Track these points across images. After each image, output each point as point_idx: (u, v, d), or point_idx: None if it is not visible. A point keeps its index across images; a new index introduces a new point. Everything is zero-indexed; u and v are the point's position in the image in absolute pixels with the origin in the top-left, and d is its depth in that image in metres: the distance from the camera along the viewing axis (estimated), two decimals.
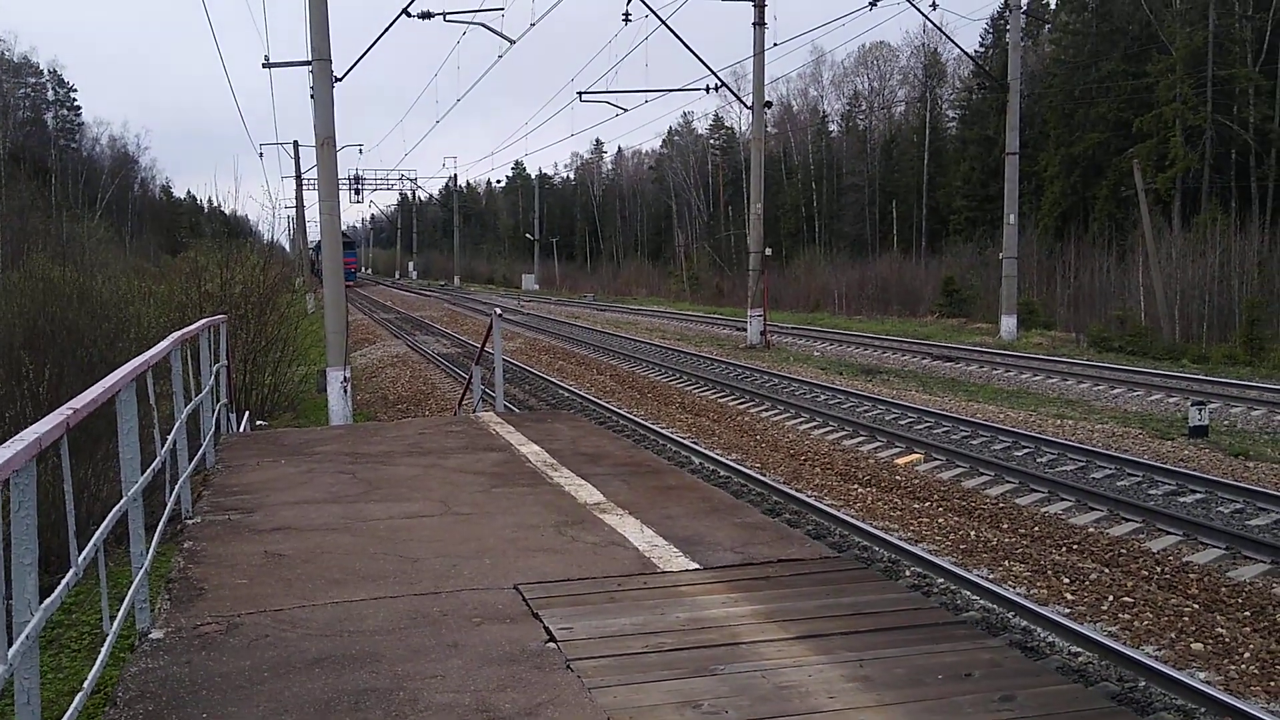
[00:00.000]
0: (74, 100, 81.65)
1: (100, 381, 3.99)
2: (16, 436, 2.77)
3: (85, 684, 3.39)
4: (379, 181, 77.46)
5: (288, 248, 63.99)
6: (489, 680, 3.90)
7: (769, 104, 32.09)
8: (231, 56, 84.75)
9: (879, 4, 25.71)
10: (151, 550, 4.83)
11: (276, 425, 16.81)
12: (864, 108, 73.23)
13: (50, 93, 79.96)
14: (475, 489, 7.03)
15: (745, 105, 32.41)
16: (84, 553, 3.38)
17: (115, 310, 18.74)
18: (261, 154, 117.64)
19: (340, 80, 16.91)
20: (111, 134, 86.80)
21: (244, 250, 23.40)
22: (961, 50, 43.42)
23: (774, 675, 3.91)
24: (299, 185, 54.32)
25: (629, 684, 3.83)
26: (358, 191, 73.30)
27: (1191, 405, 15.15)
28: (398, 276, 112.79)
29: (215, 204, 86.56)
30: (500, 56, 27.65)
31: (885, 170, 67.37)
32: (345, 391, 16.12)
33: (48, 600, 2.89)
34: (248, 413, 14.22)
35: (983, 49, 59.87)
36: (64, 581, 3.12)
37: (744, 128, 72.17)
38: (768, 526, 6.11)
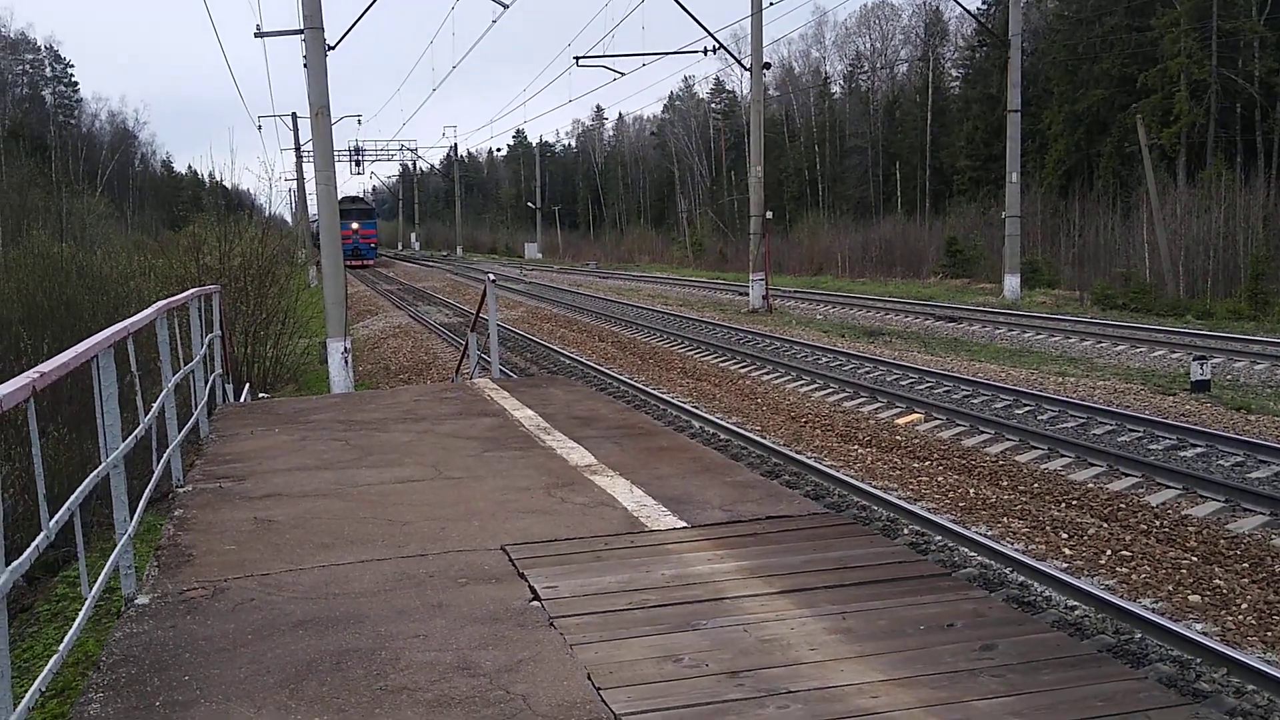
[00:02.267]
0: (71, 76, 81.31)
1: (74, 347, 3.97)
2: None
3: (61, 646, 3.39)
4: (379, 152, 77.14)
5: (289, 220, 63.81)
6: (471, 639, 3.90)
7: (768, 65, 31.85)
8: (224, 27, 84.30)
9: None
10: (137, 517, 4.82)
11: (278, 396, 16.83)
12: (866, 68, 72.67)
13: (48, 69, 79.63)
14: (467, 453, 7.03)
15: (744, 67, 32.16)
16: (57, 516, 3.37)
17: (115, 285, 18.74)
18: (260, 126, 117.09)
19: (333, 49, 16.82)
20: (110, 109, 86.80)
21: (242, 223, 23.37)
22: (963, 8, 43.00)
23: (756, 629, 3.90)
24: (298, 157, 54.04)
25: (611, 640, 3.83)
26: (358, 163, 73.01)
27: (1193, 360, 15.08)
28: (400, 248, 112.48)
29: (217, 178, 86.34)
30: (494, 21, 27.34)
31: (888, 131, 66.92)
32: (346, 362, 16.16)
33: (15, 562, 2.88)
34: (248, 385, 14.23)
35: (985, 6, 59.22)
36: (34, 543, 3.11)
37: (745, 91, 71.64)
38: (758, 485, 6.10)
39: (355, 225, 68.47)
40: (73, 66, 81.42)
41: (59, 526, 3.35)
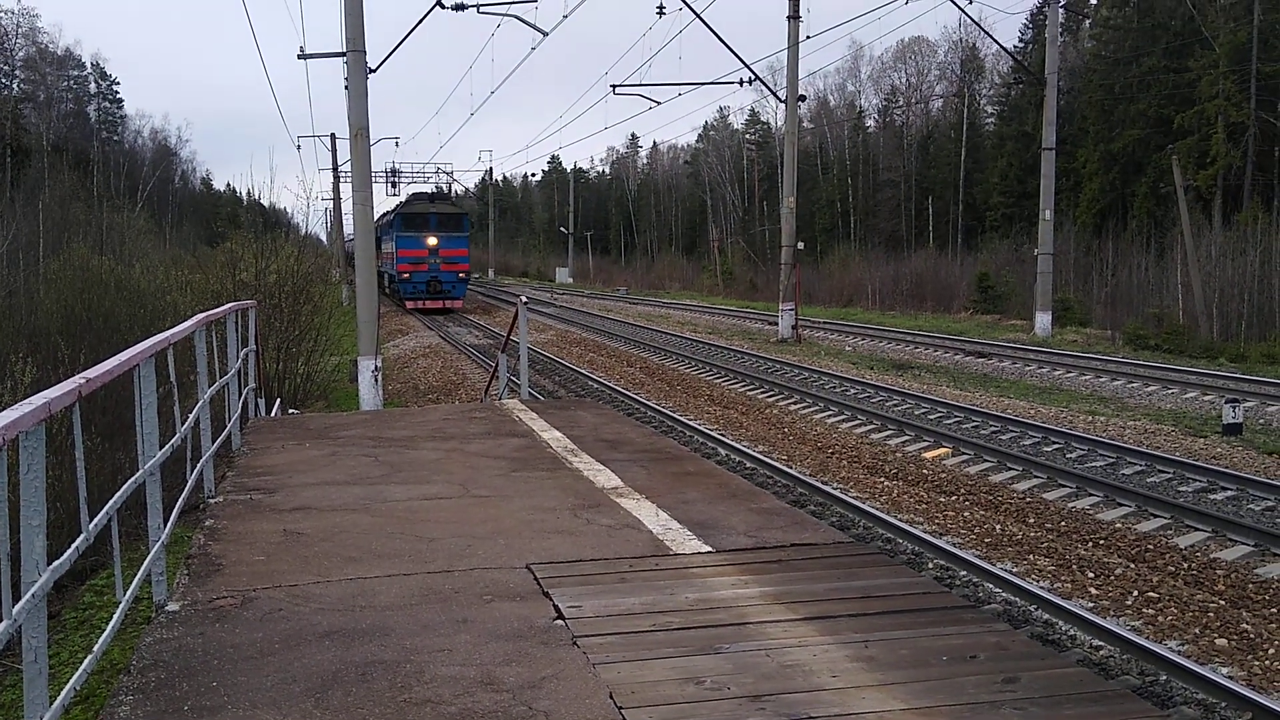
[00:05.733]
0: (116, 93, 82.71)
1: (118, 355, 4.06)
2: (27, 400, 2.83)
3: (95, 648, 3.46)
4: (415, 174, 77.53)
5: (324, 239, 64.25)
6: (495, 654, 3.93)
7: (803, 98, 31.95)
8: (267, 48, 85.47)
9: None
10: (169, 525, 4.90)
11: (308, 412, 16.97)
12: (901, 103, 72.77)
13: (93, 85, 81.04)
14: (495, 473, 7.08)
15: (779, 99, 32.33)
16: (96, 520, 3.44)
17: (152, 299, 19.01)
18: (299, 146, 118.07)
19: (374, 72, 17.05)
20: (153, 126, 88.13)
21: (278, 241, 23.63)
22: (998, 44, 43.06)
23: (778, 654, 3.91)
24: (336, 178, 54.64)
25: (633, 660, 3.85)
26: (394, 184, 73.38)
27: (1225, 403, 14.94)
28: None
29: (255, 196, 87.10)
30: (533, 49, 27.59)
31: (922, 166, 66.93)
32: (376, 380, 16.29)
33: (56, 562, 2.95)
34: (279, 400, 14.38)
35: (1022, 44, 59.39)
36: (74, 545, 3.18)
37: (779, 122, 71.83)
38: (783, 512, 6.11)
39: (433, 240, 43.15)
40: (118, 84, 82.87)
41: (98, 529, 3.43)
